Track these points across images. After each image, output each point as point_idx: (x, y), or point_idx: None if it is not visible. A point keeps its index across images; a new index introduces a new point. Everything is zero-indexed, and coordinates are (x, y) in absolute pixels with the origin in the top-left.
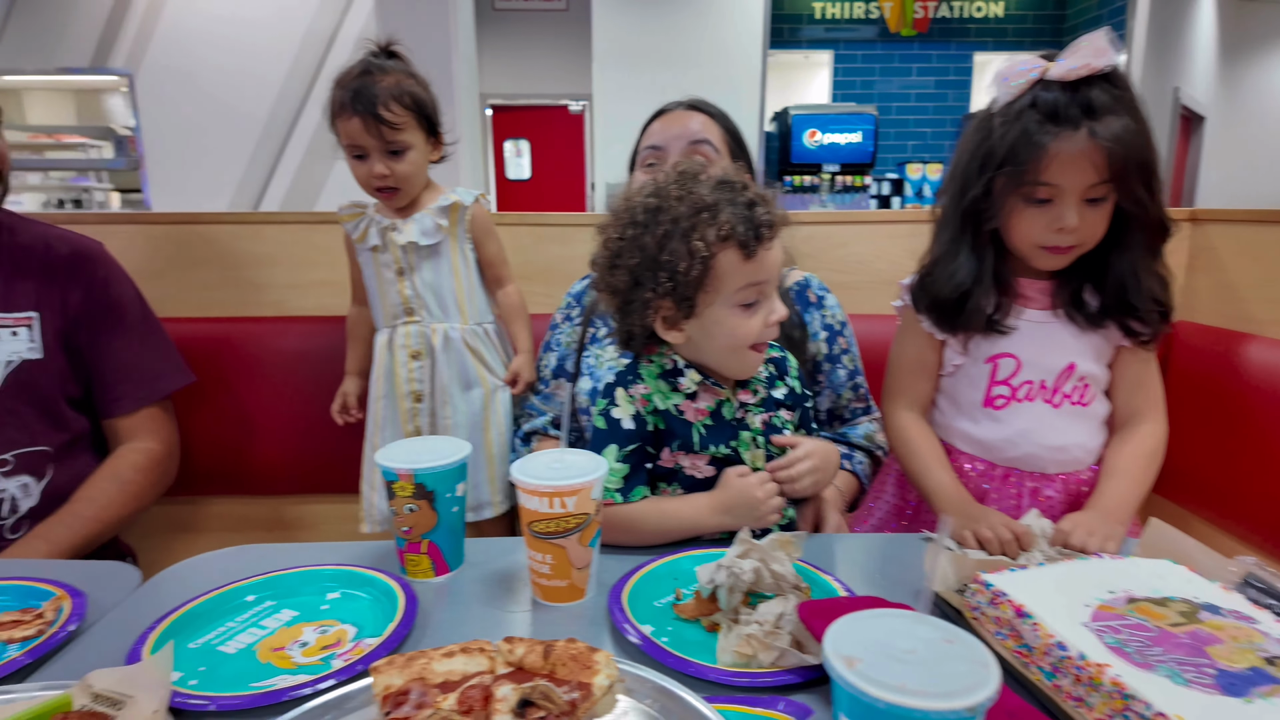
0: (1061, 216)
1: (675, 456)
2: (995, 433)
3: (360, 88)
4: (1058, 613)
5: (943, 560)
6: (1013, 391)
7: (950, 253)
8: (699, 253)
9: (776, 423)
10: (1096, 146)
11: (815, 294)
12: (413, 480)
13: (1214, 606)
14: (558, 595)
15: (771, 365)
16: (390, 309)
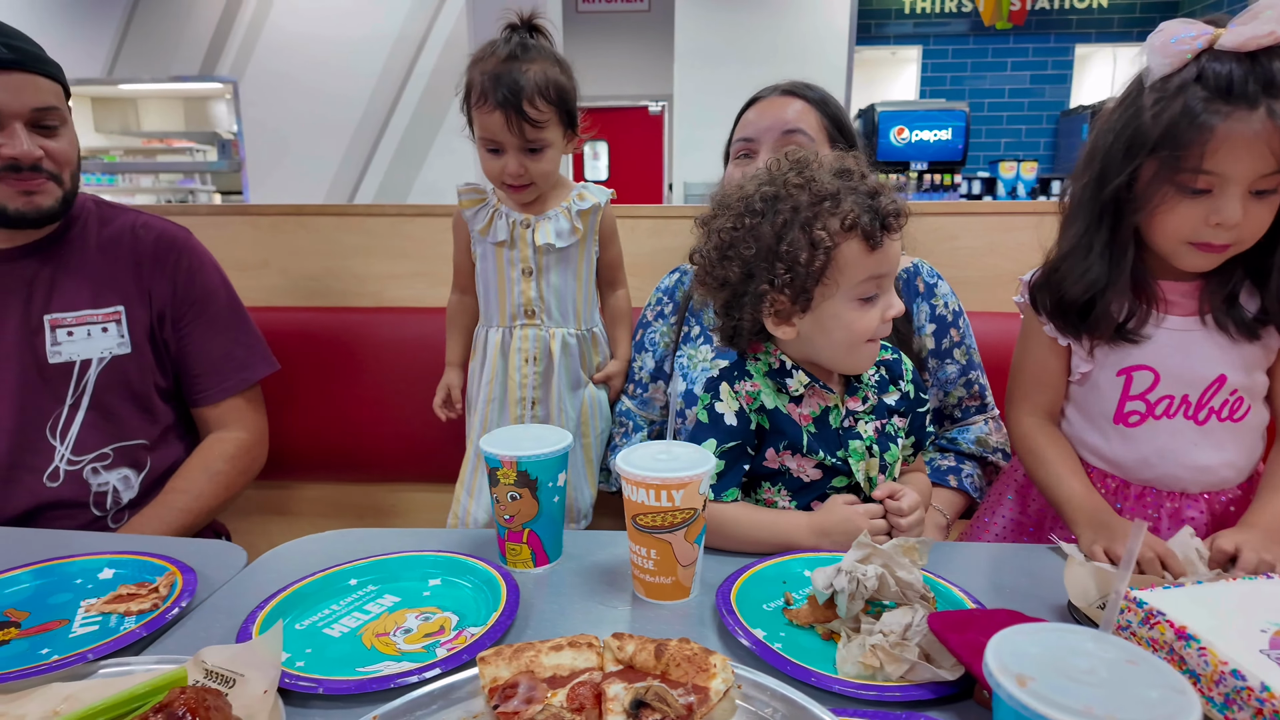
0: (1221, 209)
1: (782, 457)
2: (1128, 451)
3: (504, 77)
4: (1229, 637)
5: (1081, 572)
6: (1149, 408)
7: (1081, 248)
8: (822, 243)
9: (890, 430)
10: (1275, 130)
11: (925, 281)
12: (516, 468)
13: None
14: (661, 592)
15: (883, 369)
16: (511, 309)
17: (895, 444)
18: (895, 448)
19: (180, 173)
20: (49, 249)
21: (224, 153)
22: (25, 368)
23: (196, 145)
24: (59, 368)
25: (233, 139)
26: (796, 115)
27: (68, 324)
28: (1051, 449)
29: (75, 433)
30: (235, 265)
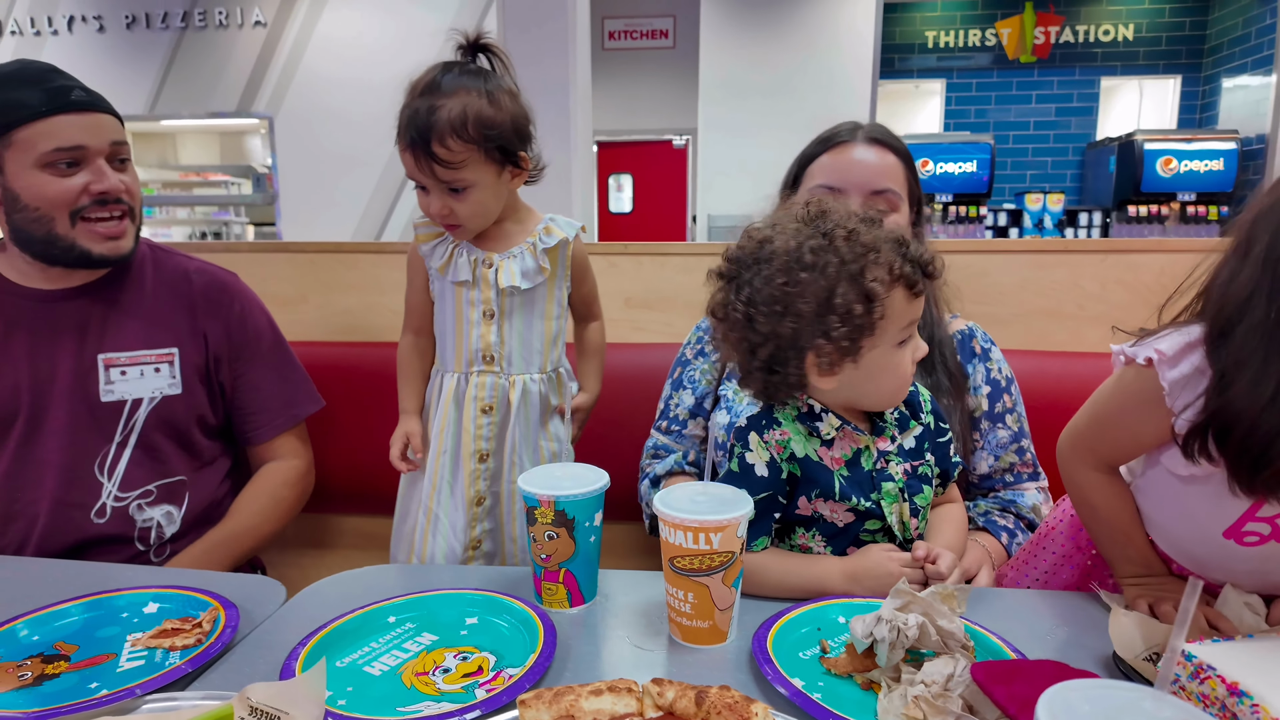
0: None
1: (814, 504)
2: (1229, 564)
3: (416, 115)
4: None
5: (1127, 622)
6: (1274, 530)
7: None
8: (877, 295)
9: (925, 472)
10: None
11: (981, 345)
12: (554, 507)
13: None
14: (698, 636)
15: (904, 405)
16: (468, 354)
17: (929, 486)
18: (929, 490)
19: (215, 205)
20: (104, 289)
21: (258, 186)
22: (76, 405)
23: (232, 179)
24: (110, 406)
25: (267, 172)
26: (887, 171)
27: (121, 363)
28: (1112, 510)
29: (123, 470)
30: (275, 301)
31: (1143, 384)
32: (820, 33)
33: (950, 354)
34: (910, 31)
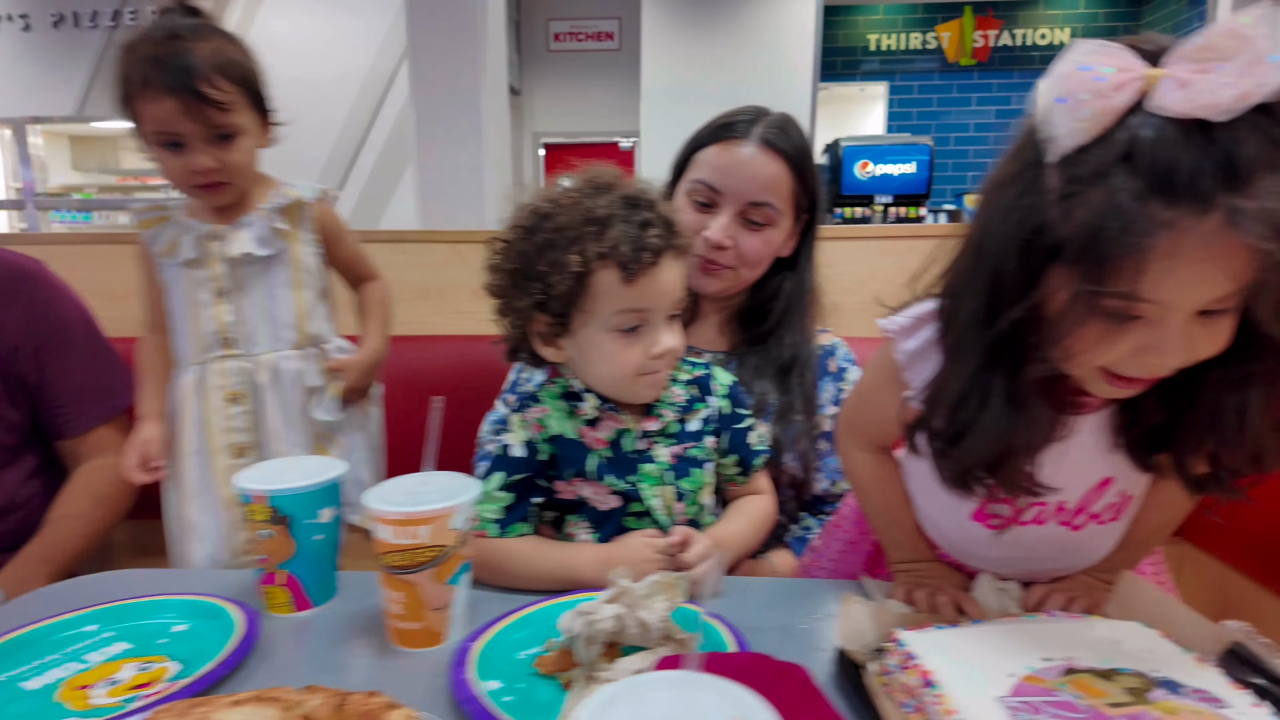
0: (1159, 344)
1: (574, 486)
2: (981, 550)
3: (169, 59)
4: (974, 683)
5: (860, 611)
6: (1016, 514)
7: (975, 391)
8: (571, 266)
9: (697, 454)
10: (1234, 244)
11: (839, 364)
12: (267, 503)
13: (1174, 684)
14: (411, 639)
15: (694, 387)
16: (201, 340)
17: (700, 469)
18: (700, 473)
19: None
20: None
21: None
22: None
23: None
24: None
25: None
26: (770, 183)
27: None
28: (882, 495)
29: None
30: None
31: (886, 357)
32: (761, 36)
33: (810, 373)
34: (853, 34)
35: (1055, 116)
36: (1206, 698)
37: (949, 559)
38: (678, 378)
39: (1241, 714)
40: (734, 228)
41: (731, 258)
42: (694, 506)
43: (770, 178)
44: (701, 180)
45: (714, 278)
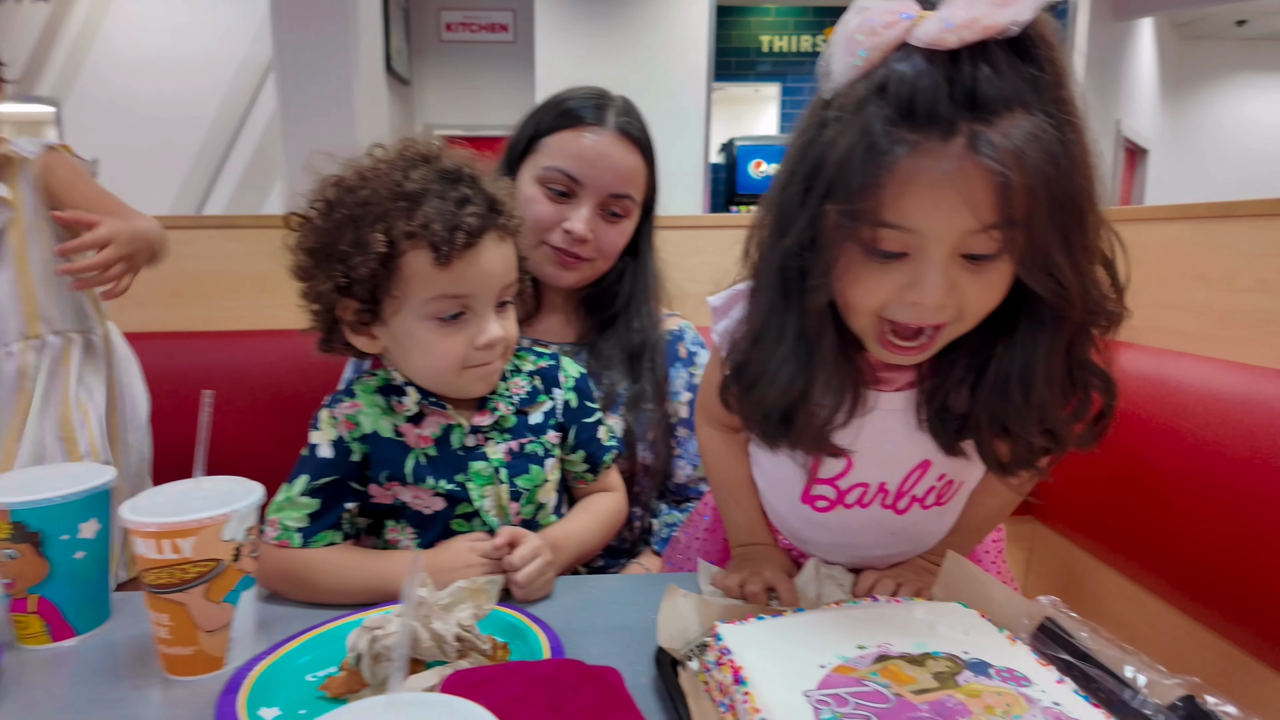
0: (920, 282)
1: (391, 489)
2: (813, 534)
3: None
4: (783, 677)
5: (685, 605)
6: (839, 495)
7: (771, 331)
8: (375, 246)
9: (535, 450)
10: (979, 170)
11: (688, 349)
12: (9, 519)
13: (983, 665)
14: (183, 666)
15: (536, 379)
16: None
17: (540, 465)
18: (538, 470)
19: None
20: None
21: None
22: None
23: None
24: None
25: None
26: (632, 176)
27: None
28: (728, 470)
29: None
30: None
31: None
32: (656, 34)
33: (659, 359)
34: (746, 35)
35: (835, 58)
36: (1013, 677)
37: (789, 547)
38: (520, 368)
39: (1043, 691)
40: (594, 220)
41: (591, 250)
42: (530, 506)
43: (631, 169)
44: (559, 169)
45: (571, 270)
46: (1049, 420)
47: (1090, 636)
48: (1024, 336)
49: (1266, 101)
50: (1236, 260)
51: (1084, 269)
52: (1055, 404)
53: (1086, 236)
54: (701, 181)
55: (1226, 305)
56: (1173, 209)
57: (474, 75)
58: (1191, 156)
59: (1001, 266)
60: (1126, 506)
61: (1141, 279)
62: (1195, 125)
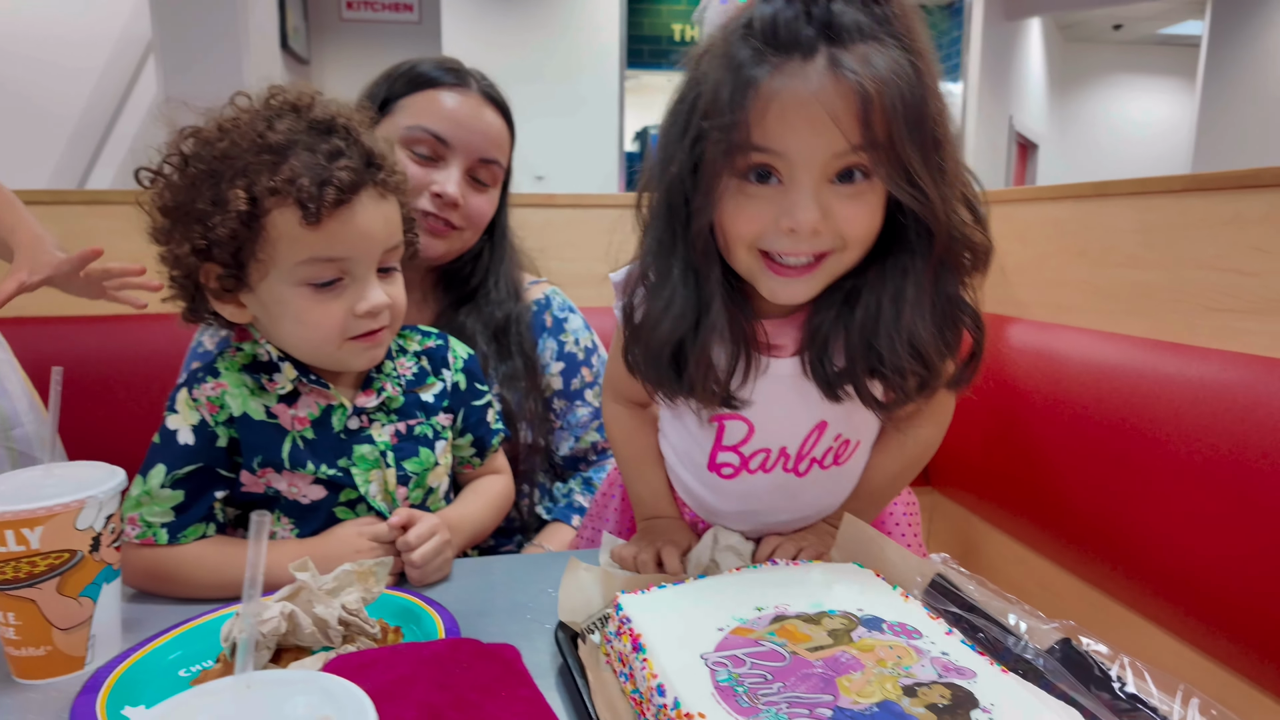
0: (793, 207)
1: (264, 476)
2: (721, 503)
3: None
4: (681, 642)
5: (586, 579)
6: (743, 461)
7: (661, 270)
8: (235, 205)
9: (424, 432)
10: (841, 84)
11: (554, 316)
12: None
13: (877, 621)
14: (35, 668)
15: (424, 359)
16: None
17: (430, 448)
18: (428, 453)
19: None
20: None
21: None
22: None
23: None
24: None
25: None
26: (502, 141)
27: None
28: (632, 444)
29: None
30: None
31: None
32: (567, 18)
33: (526, 331)
34: (658, 24)
35: (708, 8)
36: (905, 631)
37: (695, 520)
38: (406, 348)
39: (933, 643)
40: (463, 184)
41: (460, 218)
42: (420, 490)
43: (498, 133)
44: (426, 129)
45: (441, 239)
46: (919, 345)
47: (977, 589)
48: (894, 261)
49: (1142, 100)
50: (1112, 237)
51: (946, 193)
52: (926, 332)
53: (944, 161)
54: (616, 169)
55: (1102, 280)
56: (1057, 189)
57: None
58: (1077, 151)
59: (872, 191)
60: (1014, 472)
61: (1030, 257)
62: (1080, 121)
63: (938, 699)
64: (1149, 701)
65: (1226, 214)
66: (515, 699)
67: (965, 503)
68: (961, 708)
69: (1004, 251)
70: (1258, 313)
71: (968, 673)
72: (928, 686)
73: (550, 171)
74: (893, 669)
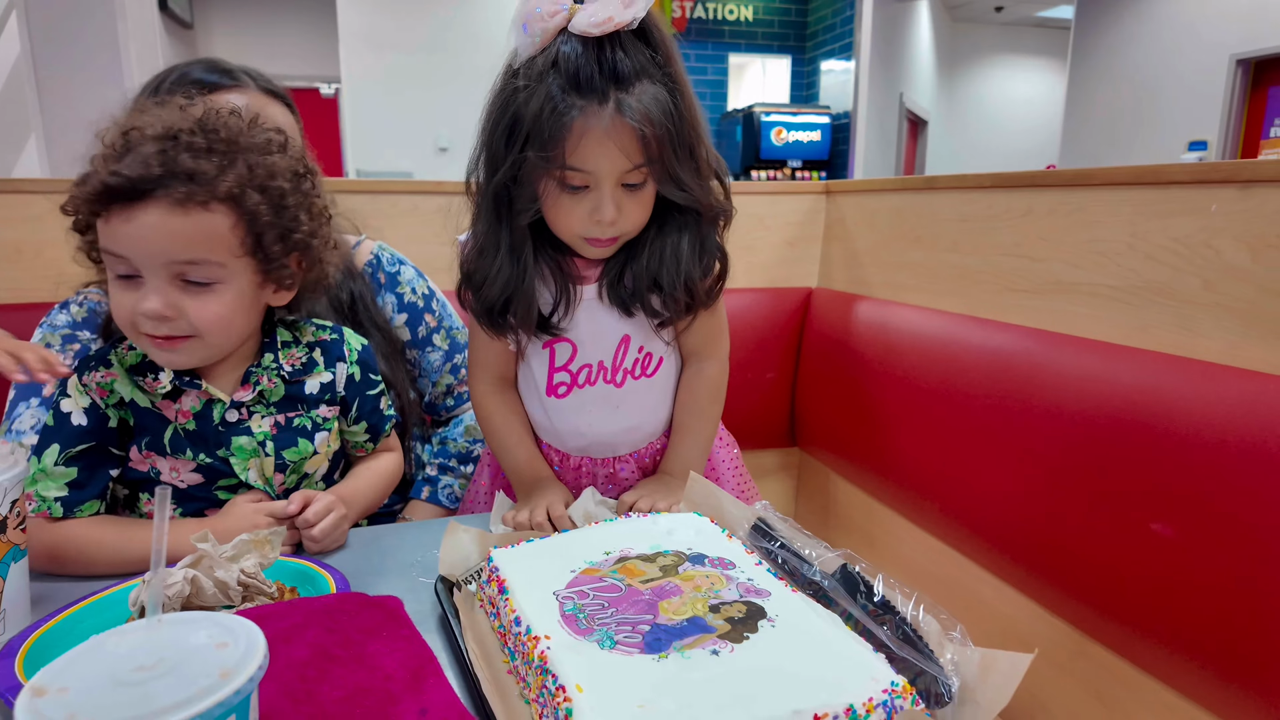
0: (599, 207)
1: (149, 458)
2: (563, 422)
3: None
4: (540, 581)
5: (465, 538)
6: (573, 378)
7: (490, 246)
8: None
9: (306, 424)
10: (626, 126)
11: (386, 272)
12: None
13: (701, 556)
14: None
15: (316, 350)
16: None
17: (309, 440)
18: (307, 444)
19: None
20: None
21: None
22: None
23: None
24: None
25: None
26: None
27: None
28: (499, 418)
29: None
30: None
31: None
32: None
33: (372, 305)
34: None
35: (518, 37)
36: (722, 564)
37: (564, 479)
38: (300, 339)
39: (742, 572)
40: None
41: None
42: (295, 476)
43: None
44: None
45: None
46: (690, 281)
47: (788, 529)
48: (668, 226)
49: (1021, 81)
50: (938, 225)
51: (703, 183)
52: (692, 267)
53: (699, 162)
54: None
55: (931, 262)
56: (897, 181)
57: (268, 21)
58: (964, 127)
59: (648, 190)
60: (860, 431)
61: (875, 242)
62: (966, 100)
63: (735, 613)
64: (894, 604)
65: (1021, 208)
66: (397, 639)
67: (825, 460)
68: (753, 618)
69: (855, 236)
70: (1043, 292)
71: (764, 593)
72: (729, 604)
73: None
74: (705, 593)
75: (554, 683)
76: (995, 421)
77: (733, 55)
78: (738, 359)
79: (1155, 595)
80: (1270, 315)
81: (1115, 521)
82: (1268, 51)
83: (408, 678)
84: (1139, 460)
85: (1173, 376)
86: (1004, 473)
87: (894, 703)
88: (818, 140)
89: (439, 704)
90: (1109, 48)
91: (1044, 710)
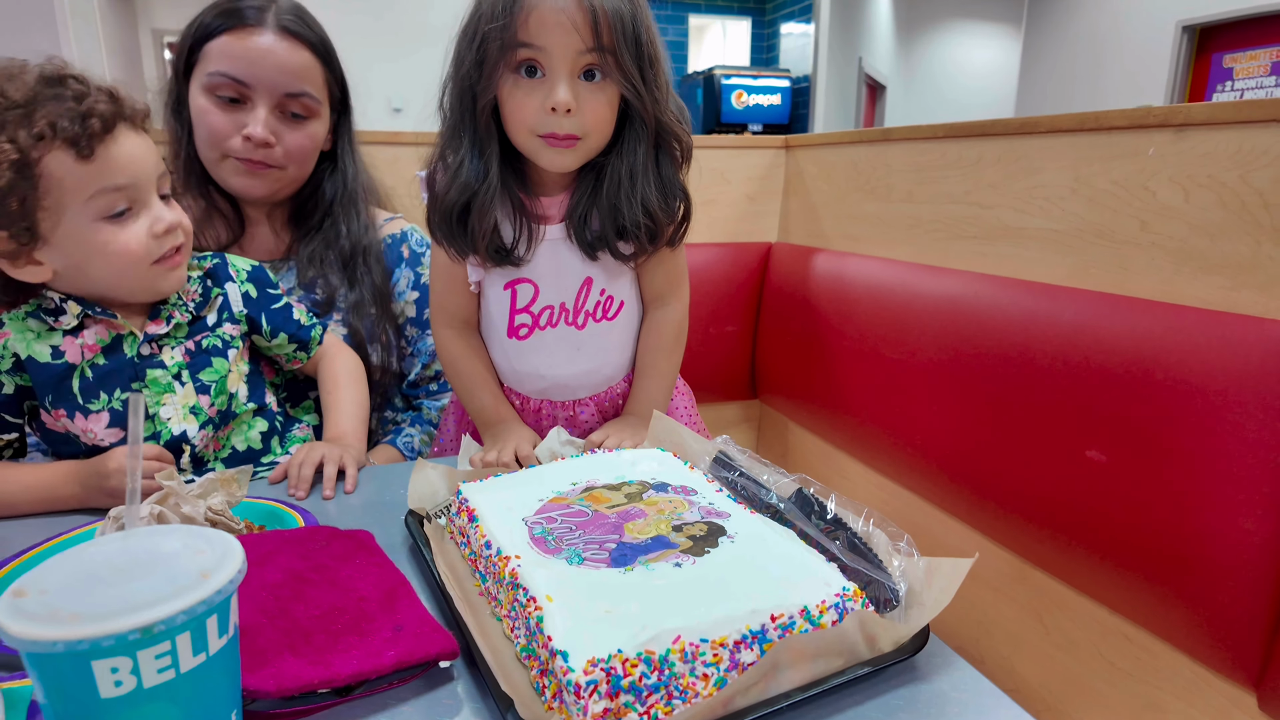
0: (554, 93)
1: (60, 420)
2: (523, 365)
3: None
4: (510, 510)
5: (433, 475)
6: (534, 320)
7: (454, 142)
8: (4, 156)
9: (215, 343)
10: (579, 4)
11: (412, 249)
12: None
13: (664, 485)
14: None
15: (208, 278)
16: None
17: (223, 357)
18: (222, 361)
19: None
20: None
21: None
22: None
23: None
24: None
25: None
26: (304, 72)
27: None
28: (464, 362)
29: None
30: None
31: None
32: None
33: (376, 263)
34: None
35: None
36: (685, 491)
37: (528, 420)
38: (190, 275)
39: (704, 497)
40: (274, 122)
41: (279, 156)
42: (223, 397)
43: (300, 66)
44: (223, 73)
45: (260, 179)
46: (650, 206)
47: (747, 460)
48: (625, 146)
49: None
50: (893, 176)
51: (658, 96)
52: (653, 197)
53: (657, 76)
54: None
55: (885, 213)
56: (854, 134)
57: None
58: (922, 93)
59: (606, 91)
60: (816, 380)
61: (832, 195)
62: (924, 64)
63: (697, 531)
64: (845, 521)
65: (971, 157)
66: (369, 565)
67: (784, 410)
68: (714, 535)
69: (813, 190)
70: (990, 238)
71: (724, 515)
72: (691, 524)
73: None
74: (669, 515)
75: (524, 595)
76: (942, 363)
77: (693, 16)
78: (700, 314)
79: (1090, 519)
80: (1199, 252)
81: (1054, 452)
82: (1212, 18)
83: (381, 598)
84: (1076, 393)
85: (1109, 314)
86: (950, 412)
87: (845, 605)
88: (778, 104)
89: (413, 620)
90: (1063, 13)
91: (987, 635)
